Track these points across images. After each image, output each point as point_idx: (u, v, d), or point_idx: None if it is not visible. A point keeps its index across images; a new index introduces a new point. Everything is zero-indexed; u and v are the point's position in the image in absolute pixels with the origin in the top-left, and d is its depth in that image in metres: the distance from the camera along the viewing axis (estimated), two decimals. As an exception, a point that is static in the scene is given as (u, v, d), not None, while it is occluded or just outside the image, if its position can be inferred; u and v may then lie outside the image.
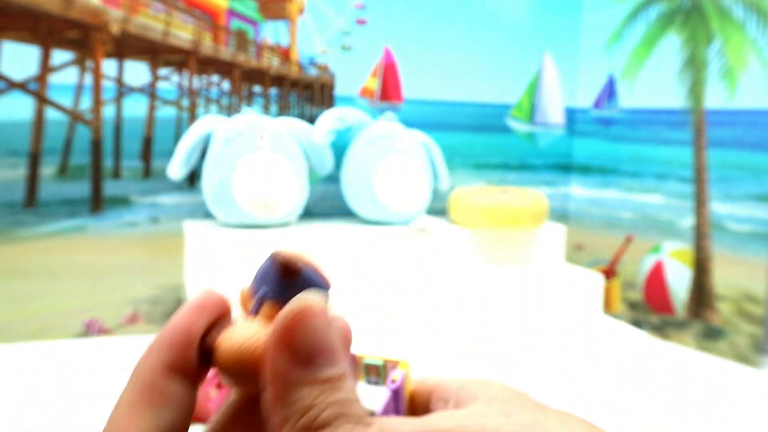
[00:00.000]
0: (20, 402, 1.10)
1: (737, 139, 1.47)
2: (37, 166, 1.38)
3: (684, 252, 1.55)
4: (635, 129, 1.70)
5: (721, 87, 1.47)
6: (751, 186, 1.44)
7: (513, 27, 1.75)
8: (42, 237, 1.39)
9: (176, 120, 1.51)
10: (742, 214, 1.45)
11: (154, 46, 1.45)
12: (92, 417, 1.06)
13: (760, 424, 1.15)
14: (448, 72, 1.70)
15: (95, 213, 1.43)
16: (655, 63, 1.61)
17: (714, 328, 1.49)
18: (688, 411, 1.19)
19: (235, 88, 1.57)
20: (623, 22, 1.67)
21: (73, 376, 1.22)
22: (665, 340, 1.58)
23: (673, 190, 1.59)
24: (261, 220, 1.34)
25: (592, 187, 1.79)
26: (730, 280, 1.46)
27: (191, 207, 1.50)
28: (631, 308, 1.68)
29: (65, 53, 1.37)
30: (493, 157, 1.81)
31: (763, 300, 1.40)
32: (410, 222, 1.48)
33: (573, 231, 1.77)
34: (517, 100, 1.80)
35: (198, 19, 1.51)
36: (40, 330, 1.38)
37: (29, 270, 1.38)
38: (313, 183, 1.52)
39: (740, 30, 1.43)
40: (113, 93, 1.43)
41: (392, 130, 1.45)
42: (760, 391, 1.29)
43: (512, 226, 1.46)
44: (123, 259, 1.45)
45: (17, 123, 1.35)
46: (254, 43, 1.59)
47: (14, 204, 1.36)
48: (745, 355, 1.42)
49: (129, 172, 1.47)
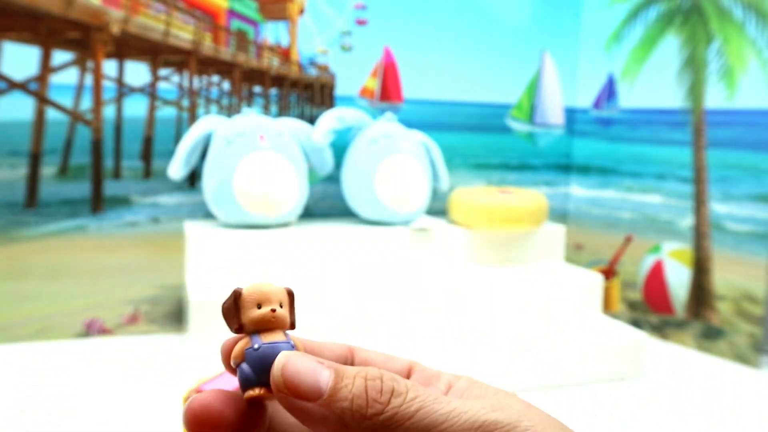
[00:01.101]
0: (21, 401, 1.10)
1: (736, 139, 1.47)
2: (37, 166, 1.38)
3: (683, 252, 1.55)
4: (635, 129, 1.70)
5: (721, 87, 1.47)
6: (751, 186, 1.44)
7: (513, 28, 1.75)
8: (43, 237, 1.39)
9: (176, 120, 1.51)
10: (741, 214, 1.45)
11: (154, 47, 1.46)
12: (92, 416, 1.06)
13: (758, 423, 1.16)
14: (448, 72, 1.71)
15: (96, 213, 1.44)
16: (655, 63, 1.61)
17: (713, 328, 1.49)
18: (687, 410, 1.19)
19: (235, 89, 1.57)
20: (622, 22, 1.68)
21: (74, 375, 1.23)
22: (665, 340, 1.58)
23: (672, 190, 1.59)
24: (261, 220, 1.34)
25: (591, 187, 1.80)
26: (729, 280, 1.47)
27: (192, 207, 1.50)
28: (630, 308, 1.68)
29: (66, 54, 1.37)
30: (493, 157, 1.81)
31: (763, 300, 1.41)
32: (410, 222, 1.48)
33: (572, 231, 1.78)
34: (517, 100, 1.80)
35: (198, 19, 1.51)
36: (40, 329, 1.39)
37: (30, 270, 1.38)
38: (313, 183, 1.52)
39: (739, 30, 1.43)
40: (114, 93, 1.44)
41: (392, 130, 1.45)
42: (759, 391, 1.30)
43: (512, 226, 1.46)
44: (123, 259, 1.45)
45: (18, 123, 1.35)
46: (254, 44, 1.59)
47: (15, 204, 1.37)
48: (744, 355, 1.42)
49: (129, 172, 1.47)
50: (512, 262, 1.54)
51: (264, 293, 0.25)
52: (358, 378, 0.22)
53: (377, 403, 0.22)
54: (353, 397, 0.22)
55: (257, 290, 0.25)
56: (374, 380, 0.22)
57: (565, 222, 1.80)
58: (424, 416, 0.22)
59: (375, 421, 0.22)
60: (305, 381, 0.22)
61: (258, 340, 0.24)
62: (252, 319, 0.24)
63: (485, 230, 1.49)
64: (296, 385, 0.22)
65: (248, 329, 0.24)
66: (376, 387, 0.22)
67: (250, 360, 0.24)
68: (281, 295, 0.25)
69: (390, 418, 0.22)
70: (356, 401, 0.22)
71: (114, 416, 1.06)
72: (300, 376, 0.22)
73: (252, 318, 0.24)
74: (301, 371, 0.22)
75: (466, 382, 0.26)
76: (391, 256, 1.43)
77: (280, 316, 0.25)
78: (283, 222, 1.39)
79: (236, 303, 0.24)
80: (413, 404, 0.22)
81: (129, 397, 1.13)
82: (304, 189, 1.40)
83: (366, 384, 0.22)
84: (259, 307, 0.24)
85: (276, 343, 0.24)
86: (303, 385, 0.22)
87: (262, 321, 0.24)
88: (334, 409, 0.22)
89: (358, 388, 0.22)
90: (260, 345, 0.24)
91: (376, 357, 0.28)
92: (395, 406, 0.22)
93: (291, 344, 0.24)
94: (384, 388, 0.22)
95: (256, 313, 0.24)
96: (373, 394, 0.22)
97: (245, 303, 0.24)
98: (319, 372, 0.22)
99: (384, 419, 0.22)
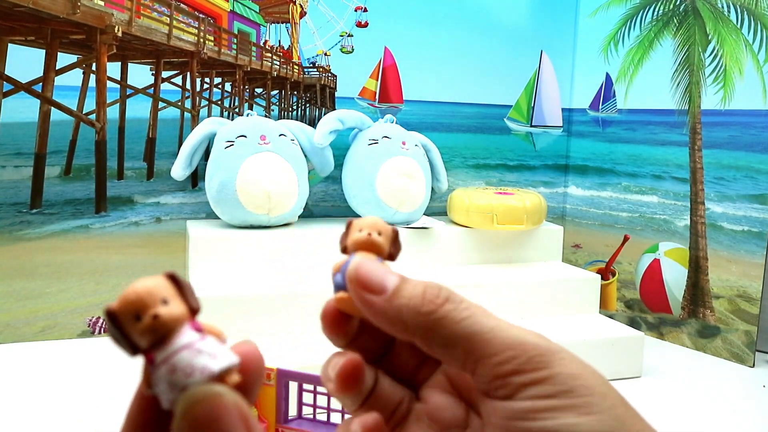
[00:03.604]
0: (25, 400, 1.12)
1: (732, 140, 1.49)
2: (42, 166, 1.39)
3: (680, 251, 1.57)
4: (632, 130, 1.72)
5: (716, 89, 1.49)
6: (746, 186, 1.46)
7: (511, 30, 1.76)
8: (47, 237, 1.41)
9: (179, 121, 1.53)
10: (736, 214, 1.47)
11: (157, 48, 1.47)
12: (96, 415, 1.07)
13: (753, 420, 1.17)
14: (446, 74, 1.72)
15: (99, 213, 1.45)
16: (651, 65, 1.63)
17: (709, 326, 1.51)
18: (684, 408, 1.21)
19: (236, 90, 1.59)
20: (619, 24, 1.69)
21: (78, 374, 1.24)
22: (661, 339, 1.60)
23: (669, 190, 1.61)
24: (263, 220, 1.35)
25: (589, 187, 1.81)
26: (725, 279, 1.48)
27: (194, 207, 1.52)
28: (627, 307, 1.70)
29: (70, 56, 1.39)
30: (492, 158, 1.83)
31: (758, 299, 1.42)
32: (410, 222, 1.49)
33: (570, 231, 1.79)
34: (515, 101, 1.82)
35: (200, 21, 1.52)
36: (45, 328, 1.40)
37: (34, 269, 1.40)
38: (313, 183, 1.54)
39: (735, 33, 1.45)
40: (117, 95, 1.45)
41: (392, 131, 1.47)
42: (754, 389, 1.31)
43: (510, 226, 1.48)
44: (127, 258, 1.47)
45: (23, 124, 1.37)
46: (256, 46, 1.60)
47: (20, 204, 1.38)
48: (740, 353, 1.44)
49: (132, 172, 1.49)
50: (511, 262, 1.55)
51: (367, 222, 0.28)
52: (419, 284, 0.26)
53: (432, 303, 0.25)
54: (411, 296, 0.25)
55: (364, 219, 0.28)
56: (433, 288, 0.26)
57: (562, 222, 1.82)
58: (471, 324, 0.25)
59: (428, 319, 0.25)
60: (375, 278, 0.26)
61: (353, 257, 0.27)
62: (353, 240, 0.28)
63: (484, 230, 1.50)
64: (366, 280, 0.26)
65: (350, 249, 0.28)
66: (433, 292, 0.25)
67: (342, 270, 0.27)
68: (384, 227, 0.28)
69: (441, 319, 0.25)
70: (414, 300, 0.25)
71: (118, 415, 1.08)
72: (370, 274, 0.26)
73: (352, 239, 0.28)
74: (372, 270, 0.26)
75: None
76: (391, 255, 1.44)
77: (376, 241, 0.28)
78: (284, 222, 1.40)
79: (347, 229, 0.28)
80: (463, 312, 0.25)
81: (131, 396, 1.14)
82: (305, 189, 1.42)
83: (425, 288, 0.25)
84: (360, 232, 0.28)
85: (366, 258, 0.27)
86: (372, 281, 0.26)
87: (358, 242, 0.28)
88: (394, 305, 0.25)
89: (417, 290, 0.25)
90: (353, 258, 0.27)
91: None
92: (448, 309, 0.25)
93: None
94: (441, 294, 0.25)
95: (356, 235, 0.28)
96: (430, 296, 0.25)
97: (351, 229, 0.28)
98: (387, 275, 0.26)
99: (435, 318, 0.25)
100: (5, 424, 1.03)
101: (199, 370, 0.20)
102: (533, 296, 1.43)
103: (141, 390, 0.22)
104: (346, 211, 1.54)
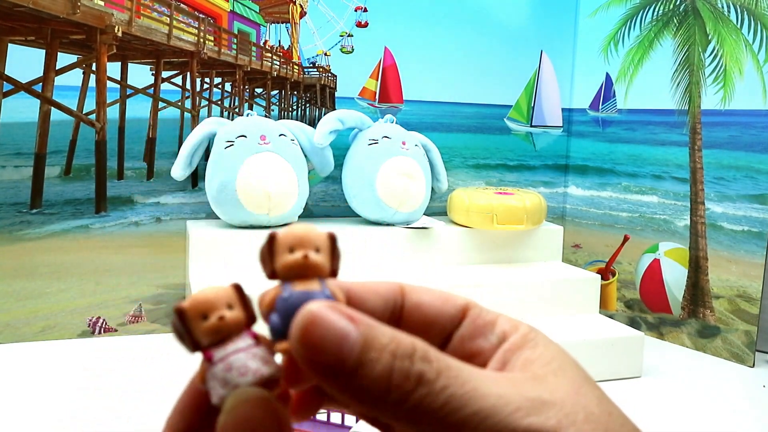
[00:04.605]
0: (25, 400, 1.12)
1: (732, 140, 1.49)
2: (42, 166, 1.39)
3: (680, 251, 1.57)
4: (632, 130, 1.72)
5: (716, 89, 1.49)
6: (746, 186, 1.46)
7: (511, 29, 1.76)
8: (47, 237, 1.41)
9: (179, 121, 1.53)
10: (737, 214, 1.47)
11: (157, 49, 1.47)
12: (96, 415, 1.07)
13: (753, 421, 1.17)
14: (446, 74, 1.72)
15: (99, 213, 1.45)
16: (651, 65, 1.63)
17: (709, 326, 1.51)
18: (684, 408, 1.21)
19: (236, 90, 1.59)
20: (619, 24, 1.69)
21: (78, 374, 1.24)
22: (661, 339, 1.60)
23: (669, 190, 1.61)
24: (263, 220, 1.35)
25: (589, 187, 1.81)
26: (725, 279, 1.49)
27: (194, 207, 1.52)
28: (627, 307, 1.70)
29: (70, 56, 1.39)
30: (492, 158, 1.83)
31: (758, 299, 1.42)
32: (410, 222, 1.50)
33: (570, 231, 1.79)
34: (515, 101, 1.82)
35: (201, 21, 1.52)
36: (45, 328, 1.40)
37: (34, 269, 1.40)
38: (313, 183, 1.54)
39: (735, 33, 1.45)
40: (117, 95, 1.45)
41: (392, 131, 1.47)
42: (754, 389, 1.31)
43: (510, 226, 1.48)
44: (127, 258, 1.47)
45: (23, 124, 1.37)
46: (256, 46, 1.60)
47: (20, 204, 1.38)
48: (740, 354, 1.44)
49: (132, 172, 1.49)
50: (510, 262, 1.55)
51: (298, 236, 0.23)
52: (386, 354, 0.20)
53: (400, 390, 0.20)
54: (376, 378, 0.19)
55: (291, 233, 0.23)
56: (403, 360, 0.20)
57: (562, 222, 1.82)
58: (448, 412, 0.20)
59: (398, 408, 0.20)
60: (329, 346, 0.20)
61: (289, 289, 0.22)
62: (284, 265, 0.22)
63: (484, 230, 1.50)
64: (319, 350, 0.20)
65: (281, 276, 0.23)
66: (403, 370, 0.20)
67: (280, 310, 0.22)
68: (319, 239, 0.23)
69: (412, 410, 0.20)
70: (378, 384, 0.19)
71: (118, 415, 1.08)
72: (324, 340, 0.20)
73: (283, 263, 0.22)
74: (326, 336, 0.20)
75: (521, 337, 0.24)
76: (391, 256, 1.44)
77: (314, 262, 0.23)
78: (285, 222, 1.40)
79: (270, 247, 0.23)
80: (441, 396, 0.20)
81: (132, 396, 1.14)
82: (305, 189, 1.42)
83: (393, 365, 0.20)
84: (291, 252, 0.22)
85: (308, 292, 0.22)
86: (326, 351, 0.20)
87: (293, 267, 0.22)
88: (355, 385, 0.20)
89: (384, 368, 0.20)
90: (290, 294, 0.22)
91: (429, 299, 0.26)
92: (420, 395, 0.20)
93: (326, 294, 0.23)
94: (412, 373, 0.20)
95: (288, 258, 0.22)
96: (398, 379, 0.20)
97: (279, 247, 0.23)
98: (344, 339, 0.20)
99: (407, 408, 0.20)
100: (5, 424, 1.03)
101: (252, 371, 0.21)
102: (533, 296, 1.43)
103: (194, 384, 0.23)
104: (346, 211, 1.54)
